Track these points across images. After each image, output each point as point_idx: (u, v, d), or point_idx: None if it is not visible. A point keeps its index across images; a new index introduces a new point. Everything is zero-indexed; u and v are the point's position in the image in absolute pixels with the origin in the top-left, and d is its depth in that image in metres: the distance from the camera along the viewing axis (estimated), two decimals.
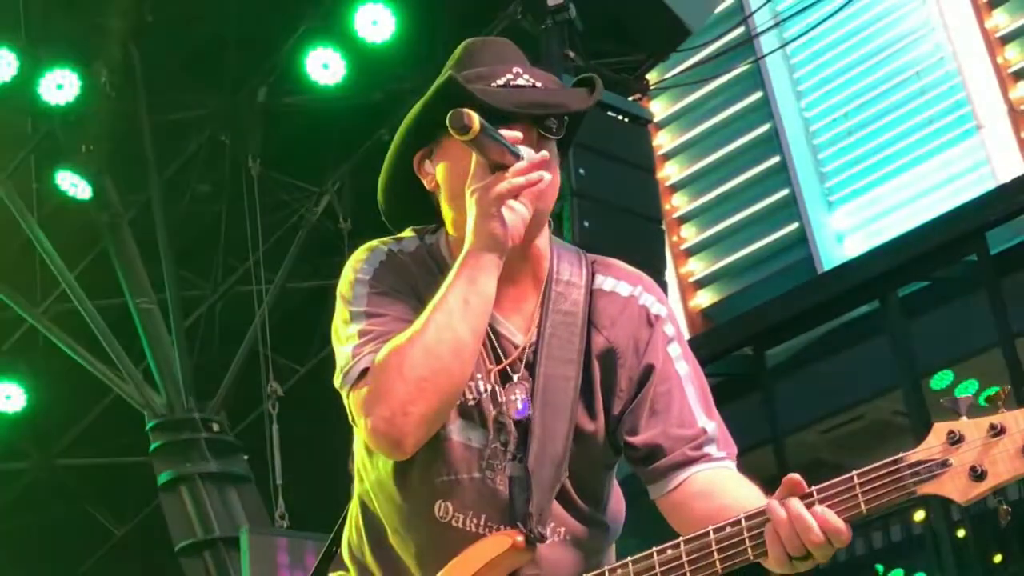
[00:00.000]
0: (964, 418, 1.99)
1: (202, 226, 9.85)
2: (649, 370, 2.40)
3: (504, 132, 2.25)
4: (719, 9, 10.07)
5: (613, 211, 7.39)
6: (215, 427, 9.28)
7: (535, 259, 2.43)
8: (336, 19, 8.32)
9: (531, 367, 2.36)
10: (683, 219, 12.33)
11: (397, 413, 2.21)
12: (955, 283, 10.02)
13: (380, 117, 8.33)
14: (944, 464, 1.96)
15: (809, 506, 2.06)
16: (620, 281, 2.49)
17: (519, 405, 2.34)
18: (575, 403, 2.35)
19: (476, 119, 2.15)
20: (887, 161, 10.92)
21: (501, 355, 2.38)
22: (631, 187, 7.55)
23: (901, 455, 2.01)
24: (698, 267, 12.11)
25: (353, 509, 2.55)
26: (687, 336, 2.50)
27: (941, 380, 10.59)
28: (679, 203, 12.35)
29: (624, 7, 8.29)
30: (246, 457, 9.39)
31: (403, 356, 2.22)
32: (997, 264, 9.58)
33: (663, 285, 7.65)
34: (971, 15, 10.41)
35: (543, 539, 2.28)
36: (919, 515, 10.20)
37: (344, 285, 2.44)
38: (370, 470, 2.45)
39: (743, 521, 2.11)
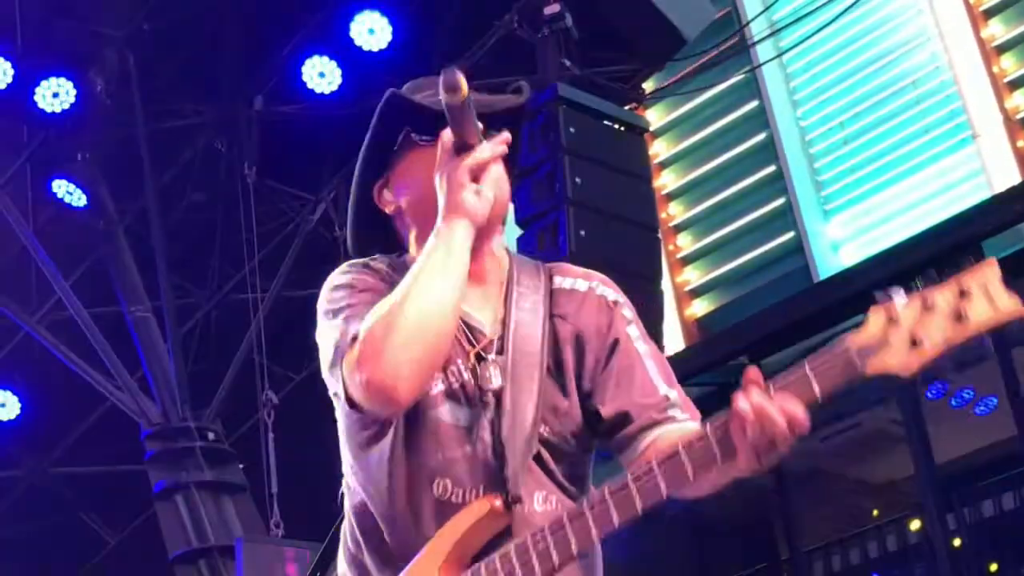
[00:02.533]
0: (898, 301, 2.12)
1: (198, 234, 9.85)
2: (613, 347, 2.57)
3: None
4: (715, 18, 10.08)
5: (609, 220, 7.39)
6: (210, 436, 9.27)
7: (496, 262, 2.62)
8: (333, 28, 8.33)
9: (501, 352, 2.52)
10: (679, 228, 12.33)
11: (390, 363, 2.31)
12: None
13: None
14: (885, 342, 2.10)
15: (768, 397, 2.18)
16: (577, 279, 2.67)
17: (494, 382, 2.48)
18: (543, 381, 2.50)
19: (464, 81, 2.30)
20: (883, 170, 10.92)
21: (475, 342, 2.53)
22: (627, 196, 7.55)
23: (844, 337, 2.14)
24: (694, 276, 12.10)
25: (345, 527, 2.59)
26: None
27: (937, 389, 10.59)
28: (675, 212, 12.35)
29: (620, 16, 8.30)
30: (241, 466, 9.38)
31: (391, 313, 2.34)
32: None
33: (659, 294, 7.66)
34: (967, 25, 10.42)
35: (519, 500, 2.39)
36: (915, 524, 10.19)
37: (323, 297, 2.57)
38: (359, 472, 2.51)
39: (708, 431, 2.24)
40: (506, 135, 2.45)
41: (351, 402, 2.40)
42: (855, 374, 2.12)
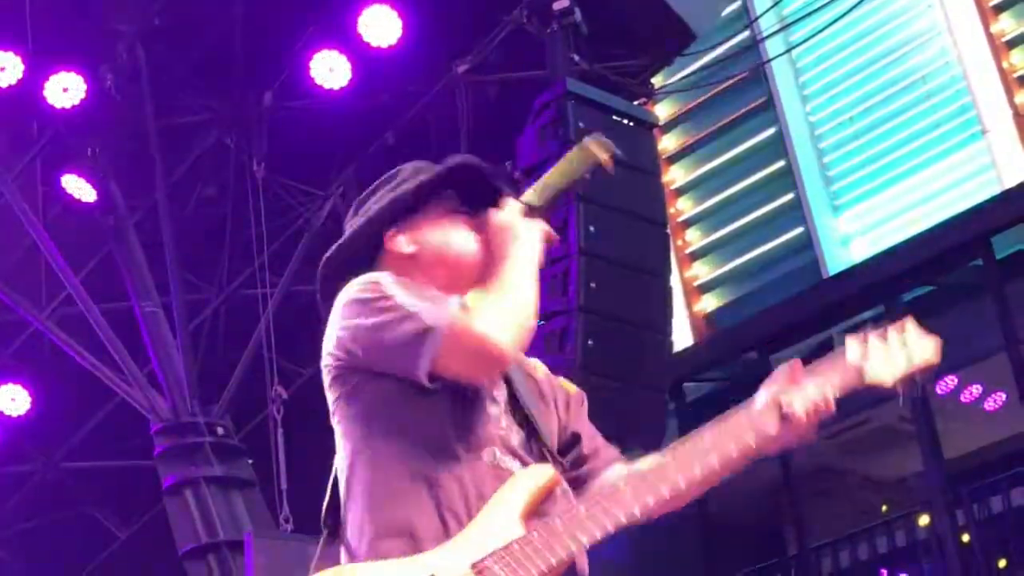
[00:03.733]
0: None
1: (207, 230, 9.85)
2: (577, 402, 2.98)
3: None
4: (725, 13, 10.08)
5: (618, 215, 7.39)
6: (220, 431, 9.26)
7: None
8: (342, 23, 8.32)
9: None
10: (688, 223, 12.34)
11: (500, 328, 2.63)
12: (961, 288, 10.03)
13: (385, 121, 8.34)
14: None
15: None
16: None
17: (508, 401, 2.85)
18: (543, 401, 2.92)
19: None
20: (893, 165, 10.93)
21: None
22: (636, 191, 7.54)
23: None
24: (703, 271, 12.11)
25: (363, 513, 2.67)
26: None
27: (946, 385, 10.58)
28: (684, 207, 12.36)
29: (630, 11, 8.29)
30: (251, 461, 9.39)
31: (497, 293, 2.71)
32: (1003, 269, 9.59)
33: (668, 290, 7.66)
34: (977, 20, 10.42)
35: (564, 466, 2.80)
36: (923, 520, 10.20)
37: (368, 294, 2.75)
38: (403, 451, 2.67)
39: (746, 409, 2.87)
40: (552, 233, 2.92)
41: (432, 376, 2.63)
42: (858, 383, 2.83)
